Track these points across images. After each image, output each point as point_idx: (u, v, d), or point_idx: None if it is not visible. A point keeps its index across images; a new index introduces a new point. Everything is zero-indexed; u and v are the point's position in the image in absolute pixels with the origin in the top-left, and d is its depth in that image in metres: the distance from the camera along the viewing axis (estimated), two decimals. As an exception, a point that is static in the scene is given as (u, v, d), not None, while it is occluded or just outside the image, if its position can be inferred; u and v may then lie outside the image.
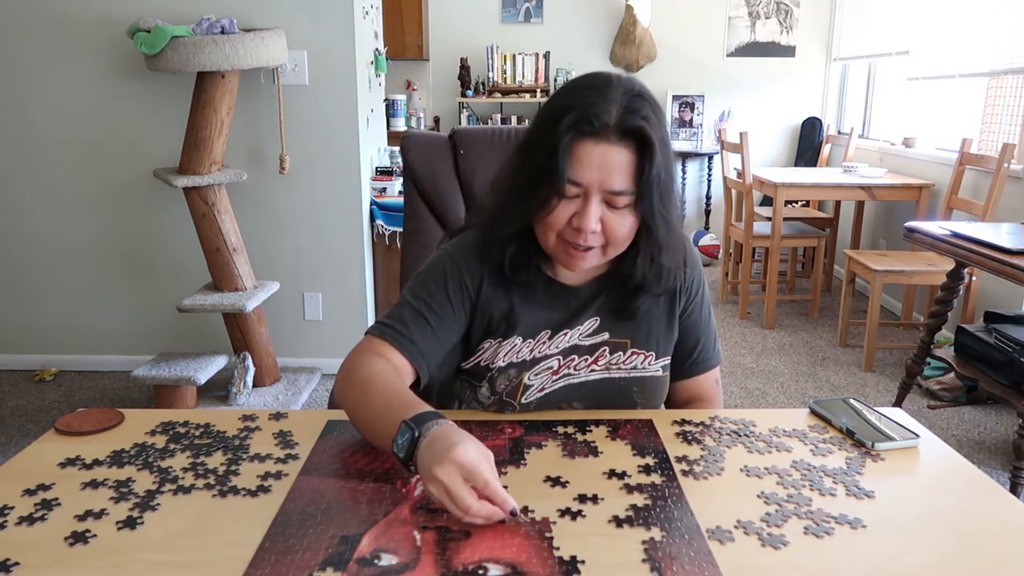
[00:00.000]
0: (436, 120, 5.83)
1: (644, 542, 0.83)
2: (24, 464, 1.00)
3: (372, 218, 3.33)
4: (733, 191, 4.64)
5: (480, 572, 0.77)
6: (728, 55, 5.68)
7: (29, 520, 0.86)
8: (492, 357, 1.15)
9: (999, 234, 2.51)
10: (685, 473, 0.99)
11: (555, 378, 1.16)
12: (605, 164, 0.99)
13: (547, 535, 0.84)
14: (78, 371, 3.40)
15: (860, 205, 4.69)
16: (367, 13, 3.29)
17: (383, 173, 3.49)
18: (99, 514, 0.88)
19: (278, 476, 0.97)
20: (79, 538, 0.83)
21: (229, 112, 2.85)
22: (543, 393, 1.16)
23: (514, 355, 1.15)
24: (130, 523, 0.86)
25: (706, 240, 5.49)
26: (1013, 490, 2.31)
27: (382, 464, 0.99)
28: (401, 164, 1.71)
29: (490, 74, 5.53)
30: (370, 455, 1.02)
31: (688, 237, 1.14)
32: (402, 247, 1.71)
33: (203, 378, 2.88)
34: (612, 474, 0.97)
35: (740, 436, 1.09)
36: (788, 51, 5.64)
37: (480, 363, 1.16)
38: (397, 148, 3.41)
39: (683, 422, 1.14)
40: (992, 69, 3.72)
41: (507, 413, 1.15)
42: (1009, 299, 3.40)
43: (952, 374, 3.18)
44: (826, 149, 5.23)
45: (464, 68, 5.59)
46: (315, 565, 0.78)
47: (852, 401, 1.19)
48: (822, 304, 4.46)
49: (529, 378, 1.15)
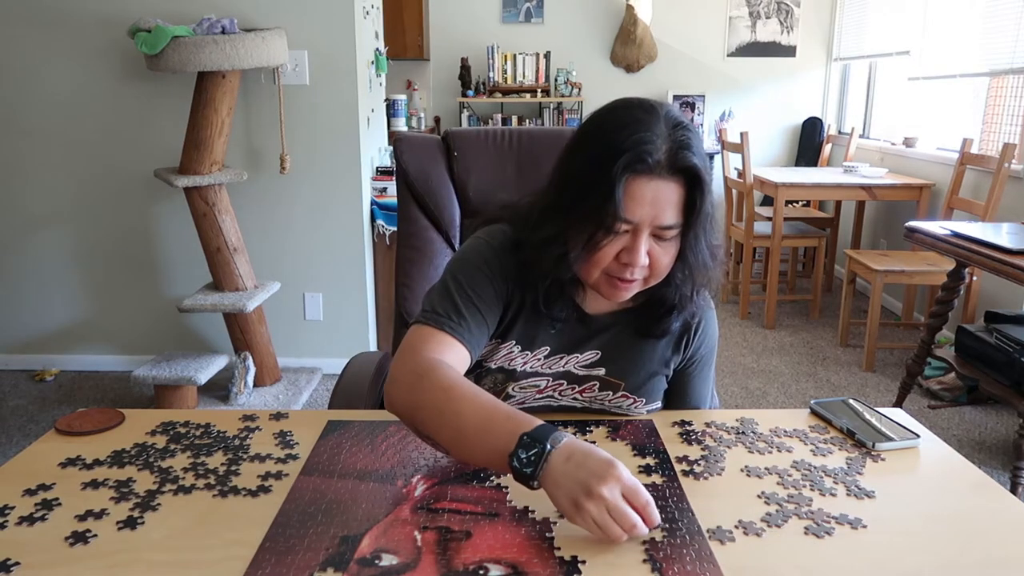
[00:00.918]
0: (437, 120, 5.83)
1: (645, 542, 0.83)
2: (24, 464, 1.00)
3: (373, 218, 3.33)
4: (734, 191, 4.64)
5: (481, 572, 0.77)
6: (729, 55, 5.67)
7: (29, 520, 0.86)
8: (487, 355, 1.14)
9: (1000, 234, 2.51)
10: (686, 473, 0.98)
11: (538, 397, 1.16)
12: (657, 201, 0.97)
13: (548, 535, 0.84)
14: (78, 371, 3.40)
15: (861, 205, 4.69)
16: (368, 13, 3.29)
17: (383, 173, 3.49)
18: (99, 514, 0.88)
19: (278, 476, 0.97)
20: (79, 538, 0.83)
21: (230, 112, 2.85)
22: (522, 407, 1.15)
23: (506, 362, 1.14)
24: (130, 523, 0.86)
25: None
26: (1013, 490, 2.31)
27: (382, 464, 0.99)
28: (400, 165, 1.70)
29: (491, 74, 5.53)
30: (370, 455, 1.02)
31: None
32: (396, 249, 1.70)
33: (203, 378, 2.88)
34: (612, 474, 0.97)
35: (741, 436, 1.09)
36: (789, 51, 5.64)
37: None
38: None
39: (684, 422, 1.14)
40: (993, 69, 3.71)
41: None
42: (1010, 299, 3.39)
43: (953, 374, 3.18)
44: (827, 149, 5.23)
45: (465, 68, 5.59)
46: (315, 565, 0.78)
47: (852, 401, 1.19)
48: (823, 304, 4.46)
49: (513, 389, 1.15)
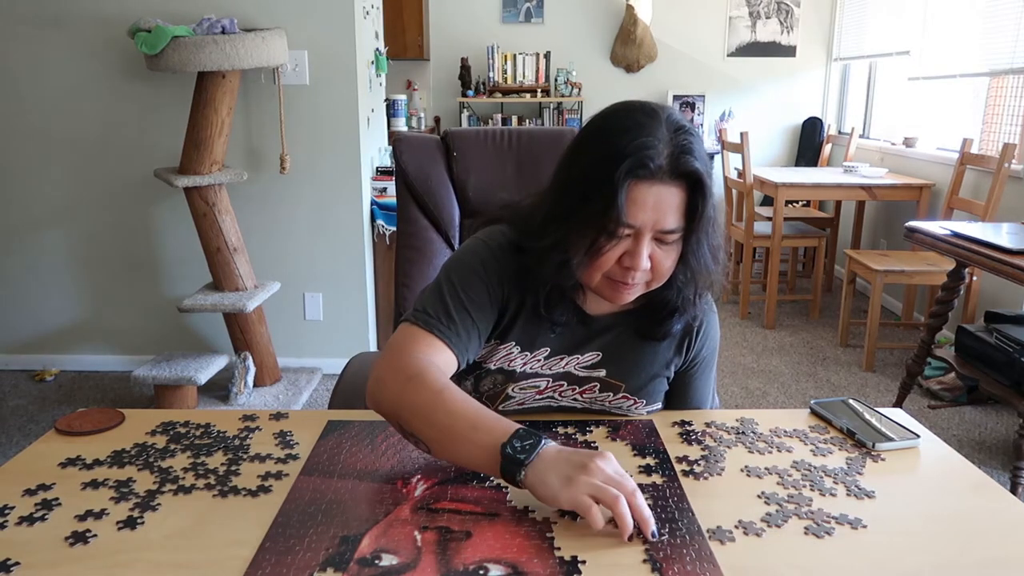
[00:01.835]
0: (437, 120, 5.83)
1: (645, 542, 0.83)
2: (24, 464, 1.00)
3: (373, 218, 3.33)
4: (734, 191, 4.64)
5: (481, 572, 0.77)
6: (729, 55, 5.67)
7: (29, 520, 0.86)
8: (487, 356, 1.14)
9: (999, 234, 2.51)
10: (685, 473, 0.99)
11: (539, 398, 1.16)
12: (659, 205, 0.97)
13: (548, 535, 0.84)
14: (78, 371, 3.40)
15: (861, 205, 4.69)
16: (368, 13, 3.29)
17: (384, 173, 3.49)
18: (99, 514, 0.88)
19: (278, 476, 0.97)
20: (79, 538, 0.83)
21: (230, 112, 2.85)
22: (522, 407, 1.16)
23: (506, 363, 1.14)
24: (130, 523, 0.86)
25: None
26: (1013, 490, 2.31)
27: (382, 464, 0.99)
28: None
29: (491, 74, 5.53)
30: (370, 455, 1.02)
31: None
32: (396, 249, 1.70)
33: (203, 378, 2.88)
34: (612, 474, 0.97)
35: (741, 436, 1.09)
36: (789, 51, 5.64)
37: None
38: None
39: (684, 423, 1.14)
40: (993, 69, 3.71)
41: None
42: (1010, 299, 3.39)
43: (952, 374, 3.18)
44: (827, 149, 5.23)
45: (465, 68, 5.59)
46: (315, 565, 0.78)
47: (852, 401, 1.19)
48: (823, 304, 4.46)
49: (513, 390, 1.15)
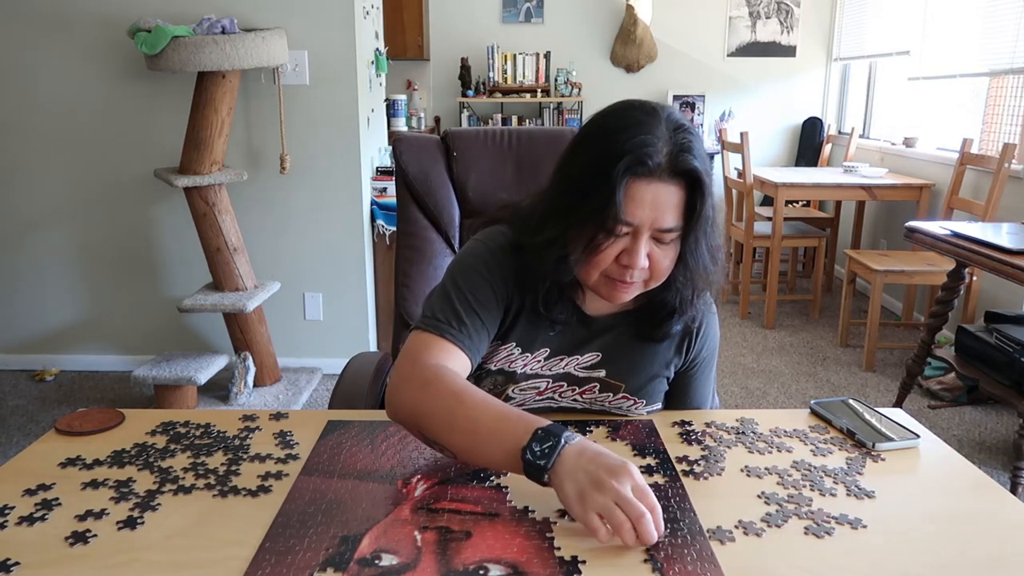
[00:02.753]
0: (437, 120, 5.83)
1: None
2: (24, 464, 1.00)
3: (373, 218, 3.33)
4: (734, 191, 4.64)
5: (481, 572, 0.77)
6: (729, 55, 5.67)
7: (29, 520, 0.86)
8: (487, 357, 1.14)
9: (999, 234, 2.51)
10: (686, 473, 0.98)
11: (539, 398, 1.16)
12: (657, 203, 0.97)
13: (548, 535, 0.84)
14: (78, 371, 3.40)
15: (861, 205, 4.69)
16: (368, 13, 3.29)
17: (384, 173, 3.49)
18: (99, 514, 0.88)
19: (278, 476, 0.97)
20: (79, 538, 0.83)
21: (230, 112, 2.85)
22: (521, 408, 1.15)
23: (506, 363, 1.14)
24: (130, 523, 0.86)
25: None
26: (1013, 490, 2.31)
27: (382, 464, 0.99)
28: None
29: (491, 74, 5.53)
30: (370, 455, 1.02)
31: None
32: (396, 249, 1.70)
33: (203, 378, 2.88)
34: (612, 474, 0.97)
35: (741, 436, 1.09)
36: (789, 51, 5.64)
37: None
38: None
39: (684, 422, 1.14)
40: (993, 69, 3.71)
41: None
42: (1009, 299, 3.39)
43: (953, 374, 3.18)
44: (827, 149, 5.23)
45: (465, 68, 5.59)
46: (315, 565, 0.78)
47: (852, 401, 1.19)
48: (823, 304, 4.46)
49: (513, 391, 1.15)
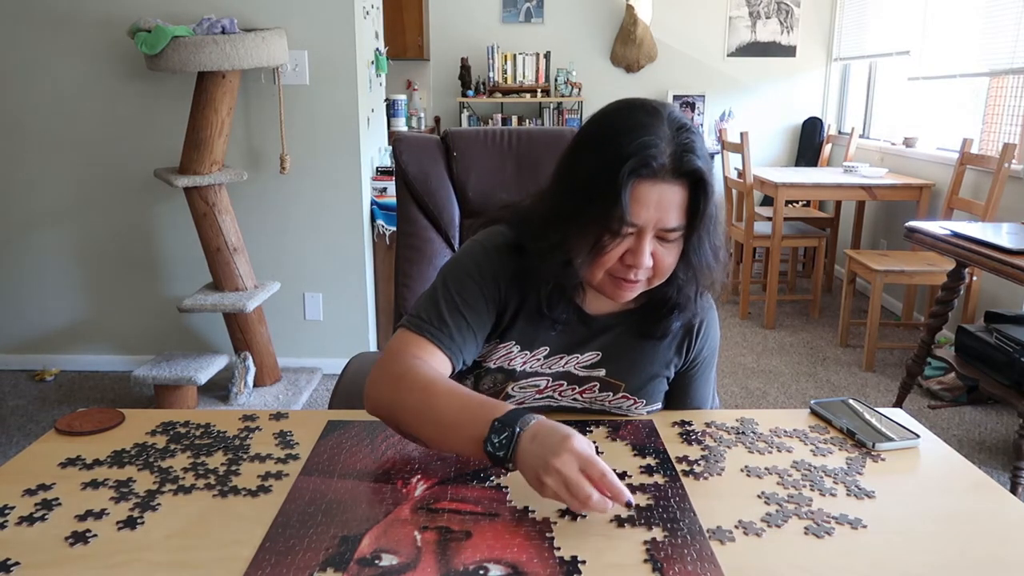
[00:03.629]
0: (437, 120, 5.83)
1: (646, 542, 0.83)
2: (24, 464, 1.00)
3: (373, 218, 3.33)
4: (734, 191, 4.64)
5: (481, 572, 0.77)
6: (729, 55, 5.67)
7: (29, 520, 0.86)
8: (486, 355, 1.14)
9: (999, 234, 2.51)
10: (686, 473, 0.99)
11: (538, 397, 1.16)
12: (661, 204, 0.97)
13: (548, 535, 0.84)
14: (78, 371, 3.40)
15: (861, 205, 4.69)
16: (368, 13, 3.29)
17: (383, 173, 3.49)
18: (99, 514, 0.88)
19: (278, 476, 0.97)
20: (79, 538, 0.83)
21: (230, 112, 2.85)
22: (521, 407, 1.15)
23: (506, 362, 1.14)
24: (130, 523, 0.86)
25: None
26: (1013, 490, 2.31)
27: (382, 464, 0.99)
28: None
29: (491, 74, 5.53)
30: (371, 455, 1.02)
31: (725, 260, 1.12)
32: (396, 250, 1.70)
33: (203, 378, 2.88)
34: (612, 474, 0.97)
35: (741, 436, 1.09)
36: (789, 51, 5.64)
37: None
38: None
39: (684, 423, 1.14)
40: (993, 69, 3.71)
41: None
42: (1009, 299, 3.39)
43: (953, 374, 3.18)
44: (827, 149, 5.23)
45: (465, 68, 5.59)
46: (315, 565, 0.78)
47: (852, 401, 1.19)
48: (823, 304, 4.46)
49: (513, 389, 1.15)
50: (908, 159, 4.39)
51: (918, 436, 1.09)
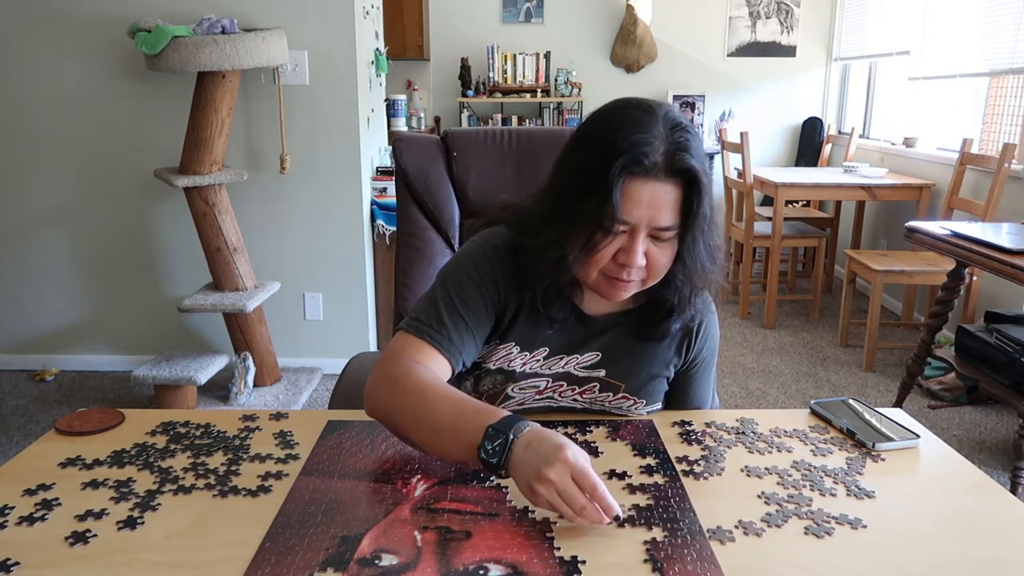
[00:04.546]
0: (437, 120, 5.83)
1: (646, 542, 0.83)
2: (24, 464, 1.00)
3: (373, 218, 3.33)
4: (734, 191, 4.64)
5: (481, 572, 0.77)
6: (729, 55, 5.67)
7: (29, 520, 0.86)
8: (486, 356, 1.14)
9: (1000, 234, 2.51)
10: (686, 473, 0.98)
11: (538, 398, 1.16)
12: (654, 202, 0.97)
13: (548, 535, 0.84)
14: (78, 371, 3.40)
15: (861, 205, 4.69)
16: (368, 13, 3.29)
17: (383, 173, 3.49)
18: (99, 514, 0.88)
19: (278, 476, 0.97)
20: (79, 538, 0.83)
21: (230, 112, 2.85)
22: (521, 408, 1.16)
23: (505, 363, 1.14)
24: (130, 523, 0.86)
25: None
26: (1013, 490, 2.31)
27: (382, 464, 0.99)
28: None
29: (491, 74, 5.53)
30: (371, 455, 1.02)
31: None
32: (396, 250, 1.70)
33: (203, 378, 2.88)
34: (613, 474, 0.97)
35: (741, 436, 1.09)
36: (789, 51, 5.64)
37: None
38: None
39: (684, 422, 1.14)
40: (993, 69, 3.71)
41: None
42: (1010, 299, 3.39)
43: (953, 374, 3.18)
44: (827, 149, 5.23)
45: (465, 68, 5.59)
46: (315, 565, 0.78)
47: (852, 401, 1.19)
48: (823, 304, 4.46)
49: (513, 390, 1.15)
50: (908, 159, 4.39)
51: (918, 436, 1.09)
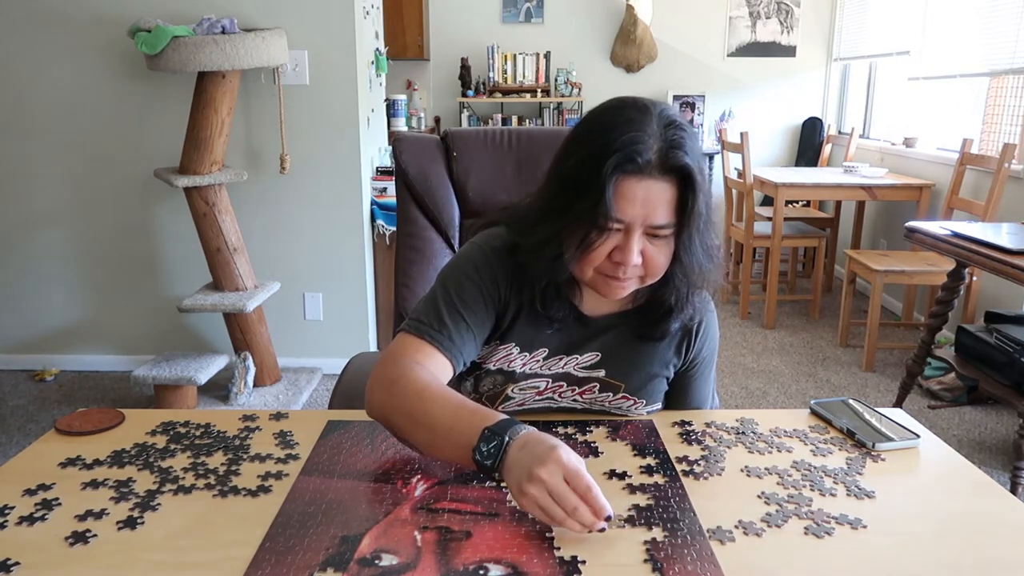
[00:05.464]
0: (437, 120, 5.83)
1: (646, 542, 0.83)
2: (24, 464, 1.00)
3: (373, 218, 3.33)
4: (734, 191, 4.64)
5: (481, 572, 0.77)
6: (729, 55, 5.67)
7: (29, 520, 0.86)
8: (486, 357, 1.15)
9: (999, 234, 2.51)
10: (686, 473, 0.98)
11: (538, 398, 1.16)
12: (649, 200, 0.97)
13: (548, 535, 0.84)
14: (78, 371, 3.40)
15: (861, 205, 4.69)
16: (368, 13, 3.29)
17: (383, 173, 3.49)
18: (99, 514, 0.88)
19: (278, 476, 0.97)
20: (79, 538, 0.83)
21: (230, 112, 2.85)
22: (521, 408, 1.16)
23: (505, 363, 1.14)
24: (130, 523, 0.86)
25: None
26: (1013, 490, 2.31)
27: (382, 464, 0.99)
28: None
29: (491, 74, 5.53)
30: (371, 455, 1.02)
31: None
32: (396, 250, 1.70)
33: (203, 378, 2.88)
34: (613, 474, 0.97)
35: (741, 436, 1.09)
36: (789, 51, 5.64)
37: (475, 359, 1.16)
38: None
39: (684, 423, 1.14)
40: (993, 69, 3.71)
41: None
42: (1009, 299, 3.39)
43: (953, 374, 3.18)
44: (827, 149, 5.23)
45: (465, 68, 5.59)
46: (315, 565, 0.78)
47: (852, 401, 1.19)
48: (823, 304, 4.46)
49: (513, 391, 1.15)
50: (908, 159, 4.39)
51: (918, 436, 1.09)
